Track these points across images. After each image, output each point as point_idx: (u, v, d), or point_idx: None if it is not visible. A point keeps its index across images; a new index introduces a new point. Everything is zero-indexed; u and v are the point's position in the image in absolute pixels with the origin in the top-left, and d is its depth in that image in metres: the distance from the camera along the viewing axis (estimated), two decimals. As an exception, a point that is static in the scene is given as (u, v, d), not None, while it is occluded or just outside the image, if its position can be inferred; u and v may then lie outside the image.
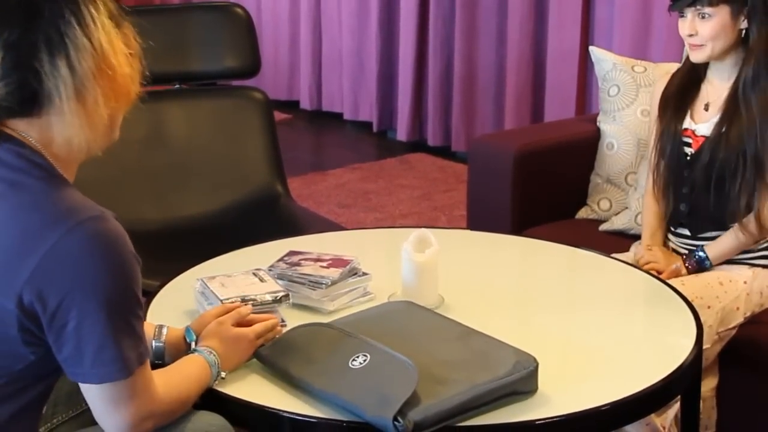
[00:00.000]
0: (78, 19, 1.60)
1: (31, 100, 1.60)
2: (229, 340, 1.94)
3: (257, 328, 1.99)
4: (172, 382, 1.77)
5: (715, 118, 2.74)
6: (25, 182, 1.61)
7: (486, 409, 1.83)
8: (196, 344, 1.94)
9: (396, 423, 1.72)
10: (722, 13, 2.65)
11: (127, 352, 1.61)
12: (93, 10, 1.62)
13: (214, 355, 1.88)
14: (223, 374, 1.90)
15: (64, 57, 1.58)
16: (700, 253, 2.76)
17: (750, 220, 2.70)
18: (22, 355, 1.63)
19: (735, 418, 2.79)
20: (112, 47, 1.63)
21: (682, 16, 2.70)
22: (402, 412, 1.73)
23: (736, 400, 2.77)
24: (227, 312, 2.02)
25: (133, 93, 1.69)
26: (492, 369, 1.86)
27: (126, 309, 1.62)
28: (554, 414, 1.84)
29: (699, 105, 2.81)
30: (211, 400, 1.88)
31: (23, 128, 1.63)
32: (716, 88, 2.78)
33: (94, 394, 1.64)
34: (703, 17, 2.66)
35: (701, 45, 2.69)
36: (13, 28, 1.59)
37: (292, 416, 1.84)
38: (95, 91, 1.61)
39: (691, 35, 2.68)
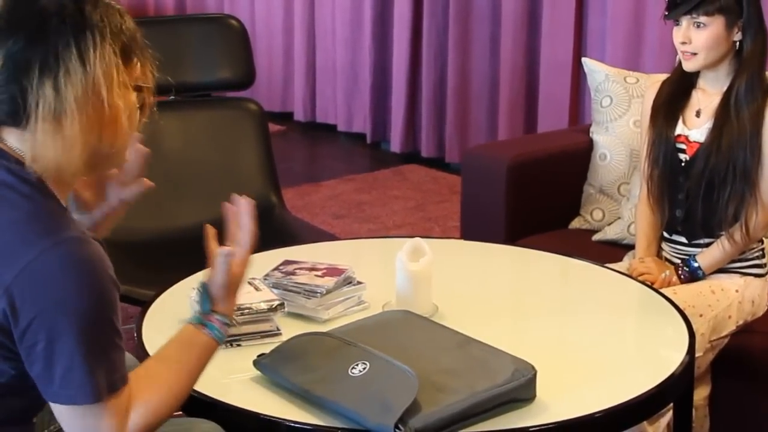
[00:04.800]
0: (78, 45, 1.58)
1: (18, 113, 1.59)
2: (239, 285, 1.83)
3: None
4: (161, 384, 1.68)
5: (708, 124, 2.75)
6: (10, 197, 1.60)
7: (485, 416, 1.84)
8: (211, 312, 1.78)
9: (397, 430, 1.73)
10: (717, 23, 2.67)
11: (98, 377, 1.58)
12: (99, 39, 1.60)
13: (228, 326, 1.78)
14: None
15: (52, 78, 1.57)
16: (693, 263, 2.77)
17: (737, 229, 2.72)
18: (2, 369, 1.62)
19: (727, 427, 2.80)
20: (108, 79, 1.60)
21: (677, 25, 2.72)
22: (403, 419, 1.74)
23: (728, 409, 2.78)
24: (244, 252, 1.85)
25: (125, 127, 1.66)
26: (491, 377, 1.87)
27: (99, 334, 1.59)
28: (548, 421, 1.85)
29: (690, 111, 2.82)
30: (207, 408, 1.89)
31: (15, 142, 1.62)
32: (708, 95, 2.79)
33: (62, 414, 1.62)
34: (698, 26, 2.68)
35: (694, 54, 2.70)
36: (18, 39, 1.59)
37: (288, 424, 1.85)
38: (75, 118, 1.58)
39: (684, 43, 2.70)
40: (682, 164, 2.79)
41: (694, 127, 2.79)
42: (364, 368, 1.87)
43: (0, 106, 1.60)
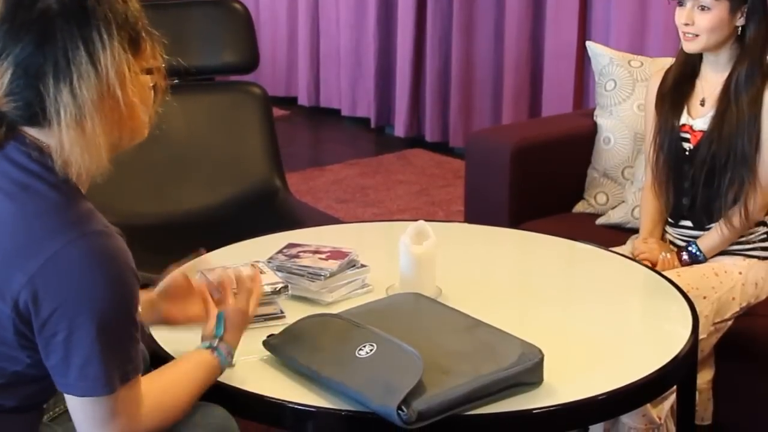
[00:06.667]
0: (87, 46, 1.57)
1: (36, 117, 1.59)
2: (244, 328, 1.93)
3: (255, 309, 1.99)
4: (173, 389, 1.75)
5: (712, 113, 2.76)
6: (36, 187, 1.61)
7: (490, 399, 1.84)
8: (221, 339, 1.87)
9: (400, 412, 1.74)
10: (721, 6, 2.67)
11: (113, 369, 1.59)
12: (106, 36, 1.58)
13: (232, 356, 1.87)
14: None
15: (68, 83, 1.56)
16: (694, 247, 2.78)
17: (735, 212, 2.73)
18: (18, 358, 1.63)
19: (731, 410, 2.80)
20: (120, 77, 1.59)
21: (681, 5, 2.72)
22: (406, 401, 1.74)
23: (732, 392, 2.78)
24: (246, 286, 1.98)
25: (142, 122, 1.67)
26: (497, 360, 1.88)
27: (118, 326, 1.61)
28: (551, 403, 1.86)
29: (695, 100, 2.83)
30: (212, 390, 1.89)
31: (38, 135, 1.62)
32: (711, 84, 2.79)
33: (75, 407, 1.63)
34: (702, 9, 2.68)
35: (696, 36, 2.71)
36: (25, 46, 1.57)
37: (293, 406, 1.86)
38: (94, 120, 1.58)
39: (686, 24, 2.70)
40: (686, 153, 2.80)
41: (699, 117, 2.80)
42: (371, 350, 1.88)
43: (17, 111, 1.60)
